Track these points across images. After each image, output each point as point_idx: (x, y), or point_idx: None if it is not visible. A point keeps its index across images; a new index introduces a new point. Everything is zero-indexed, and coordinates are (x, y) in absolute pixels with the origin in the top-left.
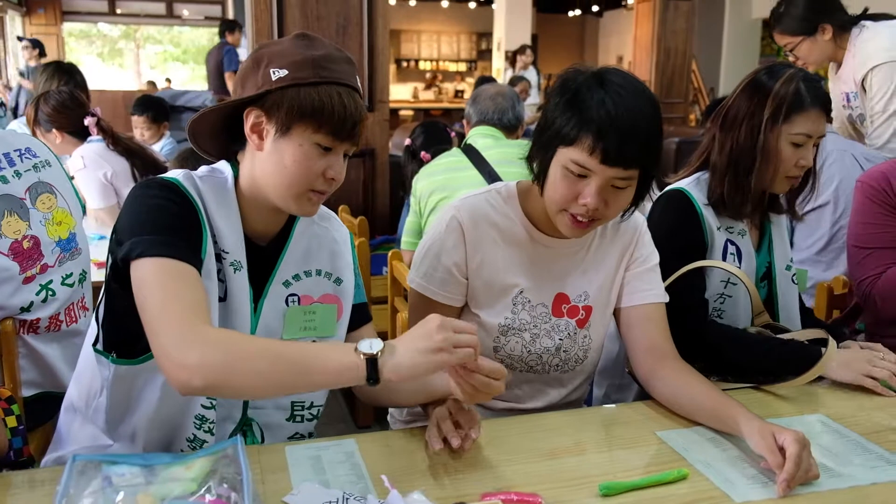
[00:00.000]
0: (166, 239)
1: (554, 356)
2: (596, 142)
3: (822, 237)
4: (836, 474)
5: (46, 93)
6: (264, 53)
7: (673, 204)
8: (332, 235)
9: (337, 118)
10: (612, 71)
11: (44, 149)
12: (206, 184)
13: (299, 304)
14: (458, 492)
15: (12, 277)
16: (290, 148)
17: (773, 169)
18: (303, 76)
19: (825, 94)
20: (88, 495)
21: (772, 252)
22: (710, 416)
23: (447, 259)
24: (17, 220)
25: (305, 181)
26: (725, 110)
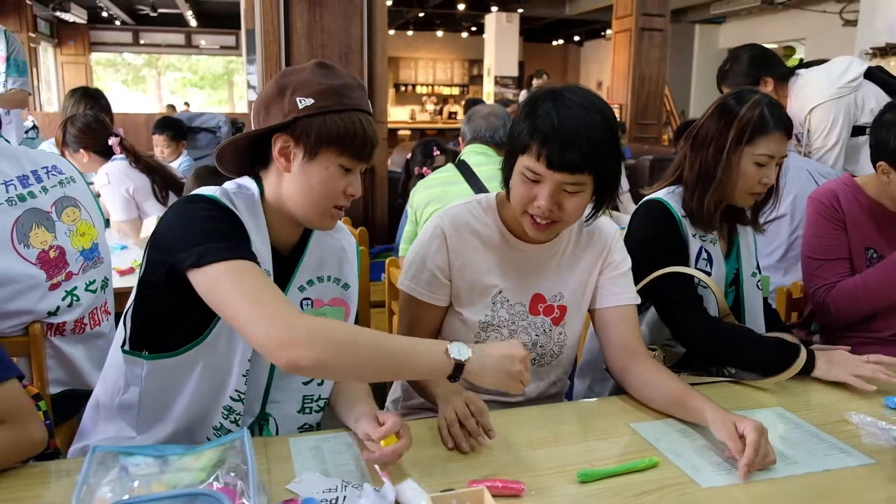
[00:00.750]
0: (228, 244)
1: (531, 351)
2: (541, 148)
3: (780, 246)
4: (793, 462)
5: (73, 116)
6: (289, 82)
7: (653, 212)
8: (342, 245)
9: (359, 142)
10: (571, 88)
11: (69, 166)
12: (238, 199)
13: (312, 306)
14: (447, 479)
15: (40, 284)
16: (316, 170)
17: (736, 185)
18: (328, 104)
19: (787, 119)
20: (107, 483)
21: (739, 260)
22: (679, 408)
23: (431, 263)
24: (45, 232)
25: (329, 200)
26: (696, 131)
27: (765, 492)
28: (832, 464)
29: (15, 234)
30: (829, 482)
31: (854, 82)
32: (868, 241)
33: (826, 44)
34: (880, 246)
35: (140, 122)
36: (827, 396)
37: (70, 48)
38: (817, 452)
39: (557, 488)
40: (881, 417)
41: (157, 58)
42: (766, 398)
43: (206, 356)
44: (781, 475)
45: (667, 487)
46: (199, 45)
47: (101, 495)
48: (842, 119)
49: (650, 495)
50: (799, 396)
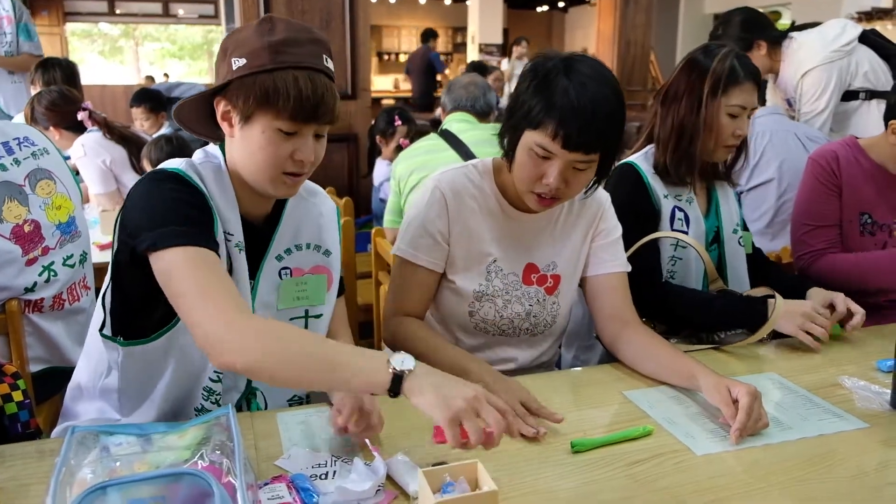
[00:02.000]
0: (187, 229)
1: (524, 321)
2: (558, 128)
3: (767, 211)
4: (787, 427)
5: (39, 93)
6: (231, 41)
7: (622, 177)
8: (320, 209)
9: (294, 103)
10: (579, 59)
11: (41, 137)
12: (205, 170)
13: (291, 276)
14: (440, 452)
15: (15, 260)
16: (254, 135)
17: (714, 139)
18: (258, 63)
19: (756, 69)
20: (88, 464)
21: (719, 217)
22: (672, 374)
23: (432, 227)
24: (18, 206)
25: (274, 166)
26: (666, 88)
27: (759, 457)
28: (826, 428)
29: None
30: (824, 446)
31: (848, 46)
32: (864, 206)
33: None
34: (878, 211)
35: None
36: (819, 360)
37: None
38: (811, 417)
39: (551, 458)
40: (874, 381)
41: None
42: (758, 364)
43: (181, 340)
44: (776, 441)
45: (662, 455)
46: (176, 14)
47: (81, 476)
48: (833, 83)
49: (645, 464)
50: (792, 361)
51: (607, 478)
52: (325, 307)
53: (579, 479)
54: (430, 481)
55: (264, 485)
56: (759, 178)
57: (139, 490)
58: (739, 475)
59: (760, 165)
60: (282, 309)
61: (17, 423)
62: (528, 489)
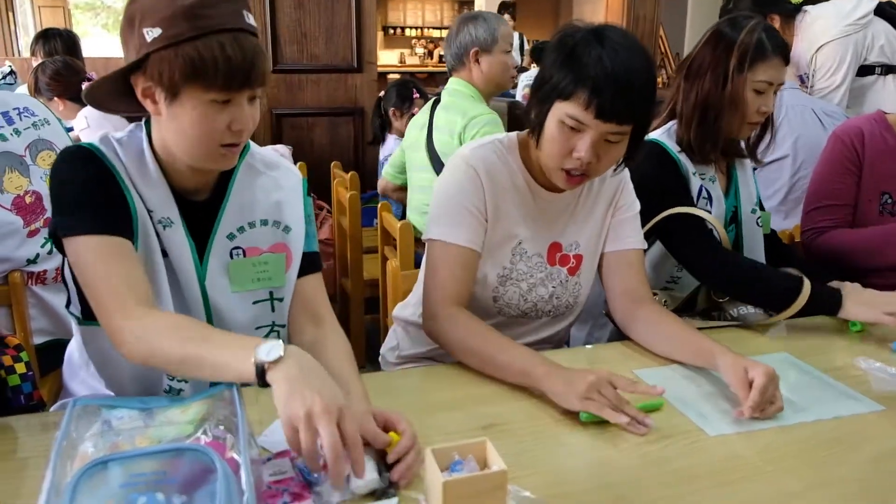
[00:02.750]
0: (92, 213)
1: (547, 303)
2: (591, 97)
3: (781, 188)
4: (802, 409)
5: (43, 63)
6: (136, 8)
7: (650, 154)
8: (279, 183)
9: (224, 71)
10: (610, 28)
11: (42, 108)
12: (124, 147)
13: (244, 256)
14: (446, 429)
15: (17, 231)
16: (184, 112)
17: (739, 115)
18: (177, 32)
19: (784, 44)
20: (89, 438)
21: (738, 197)
22: (687, 353)
23: (470, 204)
24: (19, 177)
25: (210, 140)
26: (690, 61)
27: (773, 439)
28: (841, 410)
29: None
30: (839, 429)
31: (864, 19)
32: (886, 185)
33: None
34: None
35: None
36: (833, 341)
37: None
38: (826, 399)
39: (561, 436)
40: (889, 363)
41: None
42: (771, 343)
43: None
44: (790, 422)
45: (674, 436)
46: None
47: (83, 450)
48: (849, 58)
49: (657, 444)
50: (805, 341)
51: (619, 457)
52: (285, 288)
53: (590, 458)
54: (439, 459)
55: (267, 460)
56: (773, 155)
57: (140, 465)
58: (752, 457)
59: (776, 141)
60: (236, 291)
61: (21, 395)
62: (537, 468)
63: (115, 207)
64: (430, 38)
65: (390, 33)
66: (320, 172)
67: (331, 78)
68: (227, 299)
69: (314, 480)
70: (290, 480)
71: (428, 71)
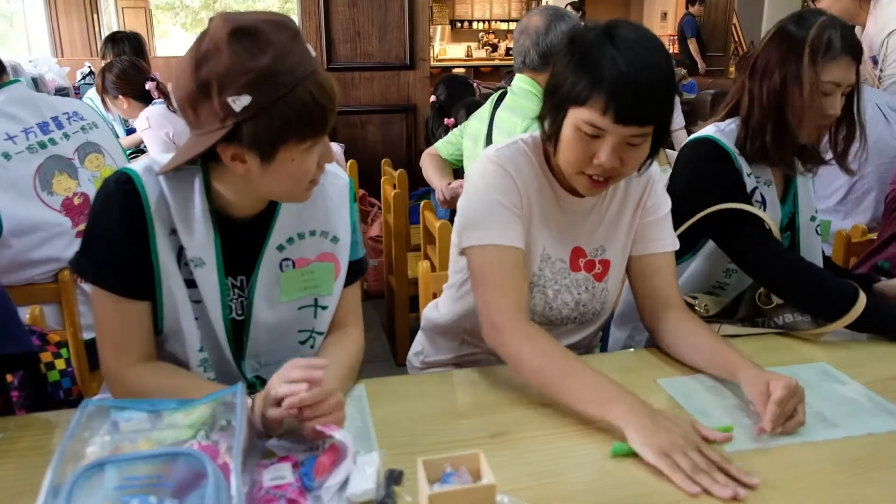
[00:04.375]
0: (113, 273)
1: (573, 311)
2: (609, 101)
3: (840, 188)
4: (832, 424)
5: (110, 63)
6: (209, 75)
7: (704, 150)
8: (326, 191)
9: (317, 118)
10: (622, 24)
11: (91, 112)
12: (169, 177)
13: (294, 267)
14: (458, 436)
15: (66, 231)
16: (281, 167)
17: (803, 117)
18: (268, 96)
19: (856, 43)
20: (95, 439)
21: (797, 203)
22: (710, 363)
23: (507, 201)
24: (68, 179)
25: (304, 182)
26: (754, 60)
27: (795, 456)
28: (876, 427)
29: (38, 182)
30: (870, 447)
31: None
32: None
33: None
34: None
35: None
36: (880, 351)
37: None
38: (861, 414)
39: (569, 448)
40: None
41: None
42: (812, 353)
43: (167, 347)
44: (817, 439)
45: None
46: None
47: (87, 451)
48: None
49: None
50: (849, 351)
51: (626, 472)
52: (331, 298)
53: (596, 471)
54: (429, 471)
55: (270, 465)
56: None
57: (136, 468)
58: (768, 475)
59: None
60: (285, 301)
61: (60, 391)
62: (540, 479)
63: (137, 268)
64: (497, 31)
65: (457, 27)
66: (372, 170)
67: (384, 75)
68: (273, 311)
69: (312, 486)
70: (288, 486)
71: (493, 65)
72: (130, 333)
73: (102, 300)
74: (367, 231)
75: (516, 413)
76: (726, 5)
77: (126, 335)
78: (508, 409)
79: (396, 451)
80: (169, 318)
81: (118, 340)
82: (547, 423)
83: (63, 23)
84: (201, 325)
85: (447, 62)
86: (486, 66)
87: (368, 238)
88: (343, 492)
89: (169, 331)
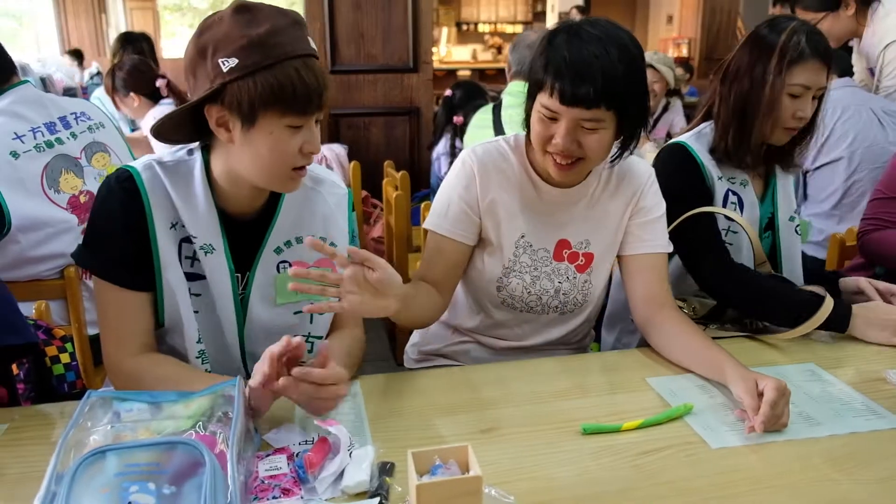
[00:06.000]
0: (114, 265)
1: (553, 298)
2: (554, 82)
3: (834, 192)
4: (816, 423)
5: (120, 61)
6: (208, 40)
7: (672, 156)
8: (326, 199)
9: (301, 96)
10: (592, 21)
11: (97, 111)
12: (170, 173)
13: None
14: (449, 431)
15: (72, 228)
16: (260, 137)
17: (772, 120)
18: (255, 61)
19: (825, 47)
20: (99, 428)
21: (775, 203)
22: (699, 363)
23: (460, 199)
24: (74, 177)
25: (284, 164)
26: (727, 64)
27: (779, 454)
28: (859, 426)
29: (45, 180)
30: (852, 445)
31: None
32: None
33: None
34: None
35: None
36: (865, 352)
37: None
38: (845, 413)
39: (559, 444)
40: None
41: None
42: (798, 354)
43: (168, 340)
44: (801, 437)
45: (673, 447)
46: None
47: (90, 440)
48: None
49: (653, 455)
50: (834, 352)
51: (612, 467)
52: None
53: (583, 467)
54: (419, 463)
55: (266, 456)
56: (827, 157)
57: (136, 456)
58: (752, 471)
59: (829, 143)
60: (282, 304)
61: (64, 384)
62: (528, 474)
63: (137, 261)
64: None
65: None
66: (376, 171)
67: (387, 78)
68: (268, 311)
69: (307, 478)
70: (282, 476)
71: (498, 67)
72: (131, 324)
73: (104, 291)
74: (370, 232)
75: (507, 410)
76: (730, 9)
77: (126, 325)
78: (500, 405)
79: (389, 445)
80: (169, 310)
81: (119, 331)
82: (535, 419)
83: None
84: (200, 317)
85: (452, 64)
86: (491, 69)
87: (370, 239)
88: (338, 483)
89: (169, 323)
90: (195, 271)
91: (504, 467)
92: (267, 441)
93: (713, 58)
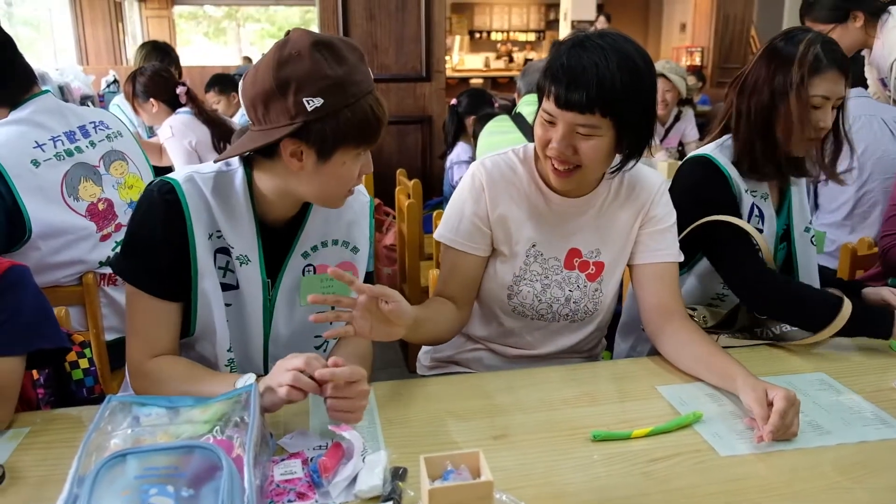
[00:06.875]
0: (151, 276)
1: (564, 306)
2: (551, 86)
3: (846, 202)
4: (825, 432)
5: (142, 67)
6: (289, 77)
7: (699, 168)
8: (352, 205)
9: (373, 129)
10: (604, 33)
11: (115, 121)
12: (210, 185)
13: (315, 273)
14: (461, 437)
15: (90, 235)
16: (333, 169)
17: (796, 132)
18: (339, 102)
19: (843, 57)
20: (118, 432)
21: (791, 214)
22: (709, 372)
23: (469, 211)
24: (93, 185)
25: (346, 188)
26: (744, 77)
27: (788, 462)
28: (869, 435)
29: (64, 188)
30: (861, 454)
31: None
32: None
33: None
34: None
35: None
36: (875, 362)
37: (154, 2)
38: (854, 422)
39: (569, 451)
40: None
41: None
42: (808, 363)
43: (196, 348)
44: (811, 445)
45: (682, 454)
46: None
47: (112, 443)
48: None
49: (663, 462)
50: (844, 361)
51: (622, 474)
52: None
53: (593, 473)
54: (431, 468)
55: (281, 460)
56: (838, 167)
57: (155, 459)
58: (762, 479)
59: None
60: (304, 306)
61: (83, 389)
62: (539, 480)
63: (174, 272)
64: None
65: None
66: (388, 179)
67: (400, 87)
68: (292, 314)
69: (321, 483)
70: (297, 480)
71: (511, 76)
72: (157, 330)
73: (136, 298)
74: (382, 240)
75: (519, 416)
76: (744, 17)
77: (153, 332)
78: (511, 412)
79: (402, 451)
80: (202, 319)
81: (146, 336)
82: (546, 426)
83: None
84: (232, 326)
85: (465, 72)
86: (504, 77)
87: (383, 247)
88: (352, 488)
89: (200, 332)
90: (227, 281)
91: (515, 473)
92: (282, 446)
93: (726, 67)
